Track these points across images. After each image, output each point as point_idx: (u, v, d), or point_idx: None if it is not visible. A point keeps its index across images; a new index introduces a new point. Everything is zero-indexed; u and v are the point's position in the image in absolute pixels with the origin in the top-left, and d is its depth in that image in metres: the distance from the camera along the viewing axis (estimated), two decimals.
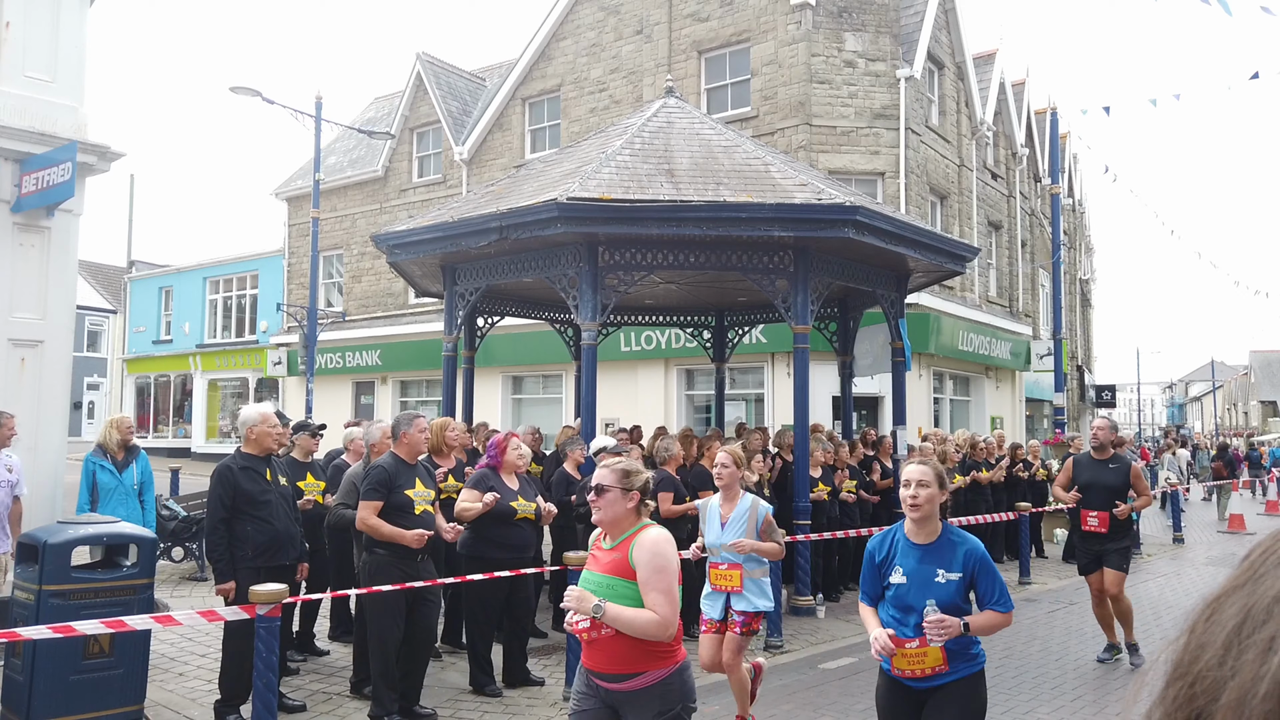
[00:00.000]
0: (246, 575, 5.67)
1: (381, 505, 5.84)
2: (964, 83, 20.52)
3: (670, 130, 10.08)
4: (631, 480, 3.64)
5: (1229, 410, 76.43)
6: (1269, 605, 0.53)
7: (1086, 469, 7.71)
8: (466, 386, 11.73)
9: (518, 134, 22.00)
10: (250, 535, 5.81)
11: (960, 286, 19.36)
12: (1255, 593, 0.54)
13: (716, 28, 18.70)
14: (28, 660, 5.20)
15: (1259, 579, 0.55)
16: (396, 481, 5.92)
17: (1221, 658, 0.53)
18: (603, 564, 3.62)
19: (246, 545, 5.80)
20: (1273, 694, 0.49)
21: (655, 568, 3.45)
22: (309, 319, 19.04)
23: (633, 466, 3.70)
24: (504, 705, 6.39)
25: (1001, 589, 3.74)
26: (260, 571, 5.70)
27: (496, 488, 6.60)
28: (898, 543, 3.85)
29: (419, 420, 6.23)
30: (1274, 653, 0.50)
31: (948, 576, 3.68)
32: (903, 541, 3.83)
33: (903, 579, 3.74)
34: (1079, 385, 29.91)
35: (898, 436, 11.17)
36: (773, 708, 6.37)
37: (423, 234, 9.79)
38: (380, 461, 6.06)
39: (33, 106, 8.40)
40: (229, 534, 5.79)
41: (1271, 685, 0.50)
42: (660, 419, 17.45)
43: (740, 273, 9.36)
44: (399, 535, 5.81)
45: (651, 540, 3.53)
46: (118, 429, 7.84)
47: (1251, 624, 0.53)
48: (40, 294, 8.45)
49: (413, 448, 6.13)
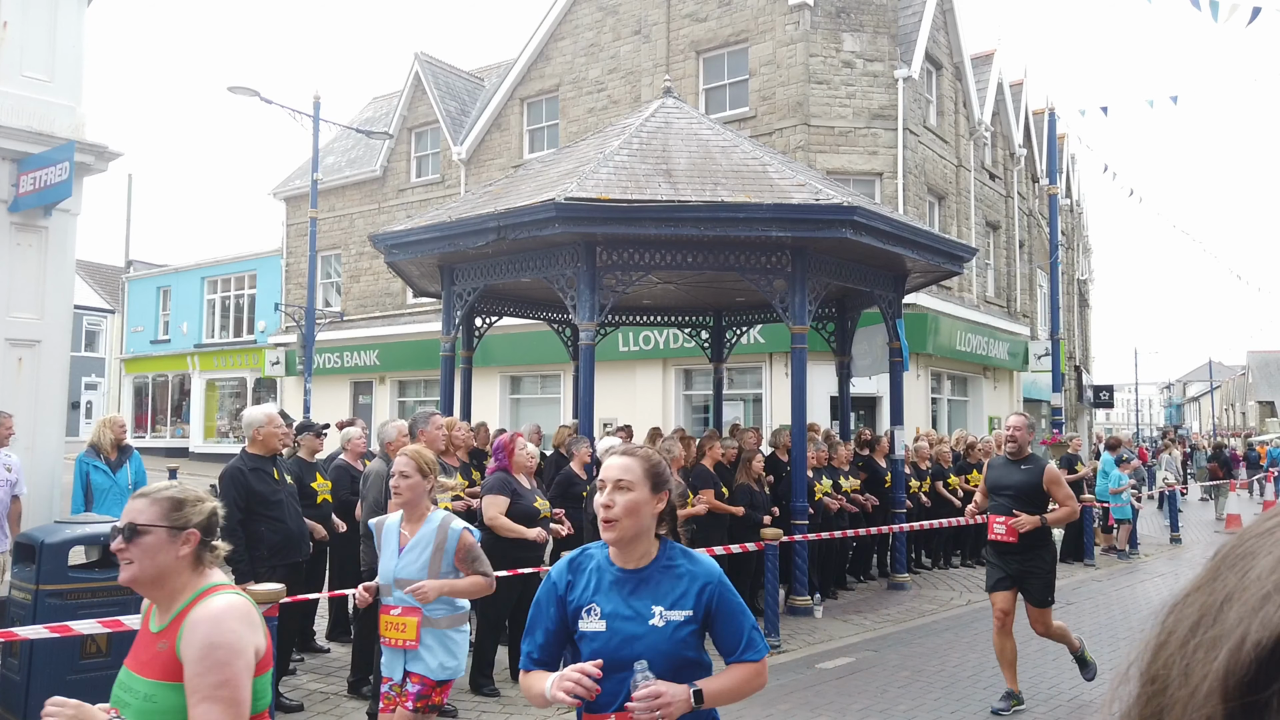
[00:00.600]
0: (264, 575, 5.73)
1: None
2: (962, 83, 20.54)
3: (668, 130, 10.09)
4: (187, 514, 2.36)
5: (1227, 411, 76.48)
6: (1220, 605, 0.53)
7: (996, 470, 6.62)
8: (465, 386, 11.72)
9: (516, 134, 21.99)
10: (265, 535, 5.86)
11: (958, 287, 19.37)
12: (1212, 593, 0.55)
13: (714, 28, 18.71)
14: (25, 660, 5.20)
15: (1216, 579, 0.56)
16: None
17: (1177, 656, 0.54)
18: (143, 659, 2.33)
19: (261, 545, 5.84)
20: (1215, 692, 0.50)
21: (211, 663, 2.18)
22: (307, 319, 19.02)
23: (186, 494, 2.41)
24: (500, 704, 6.40)
25: (750, 630, 2.62)
26: (276, 570, 5.79)
27: (517, 489, 6.66)
28: (594, 572, 2.63)
29: (436, 418, 6.36)
30: (1217, 653, 0.51)
31: (668, 617, 2.53)
32: (604, 570, 2.62)
33: (601, 625, 2.53)
34: (1077, 385, 29.93)
35: (895, 436, 11.18)
36: (769, 707, 6.37)
37: (421, 234, 9.79)
38: None
39: (30, 106, 8.40)
40: (245, 535, 5.83)
41: (1213, 683, 0.50)
42: (658, 419, 17.44)
43: (738, 273, 9.36)
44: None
45: (210, 617, 2.24)
46: (110, 428, 7.83)
47: (1205, 624, 0.53)
48: (38, 294, 8.45)
49: (430, 446, 6.22)
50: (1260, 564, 0.54)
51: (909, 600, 10.24)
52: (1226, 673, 0.50)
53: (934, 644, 8.28)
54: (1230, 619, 0.52)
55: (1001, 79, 22.62)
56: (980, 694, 6.71)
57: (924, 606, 9.92)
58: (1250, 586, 0.53)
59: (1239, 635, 0.50)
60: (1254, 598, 0.52)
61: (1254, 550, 0.55)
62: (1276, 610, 0.50)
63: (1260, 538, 0.56)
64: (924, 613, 9.62)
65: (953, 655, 7.86)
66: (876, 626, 8.98)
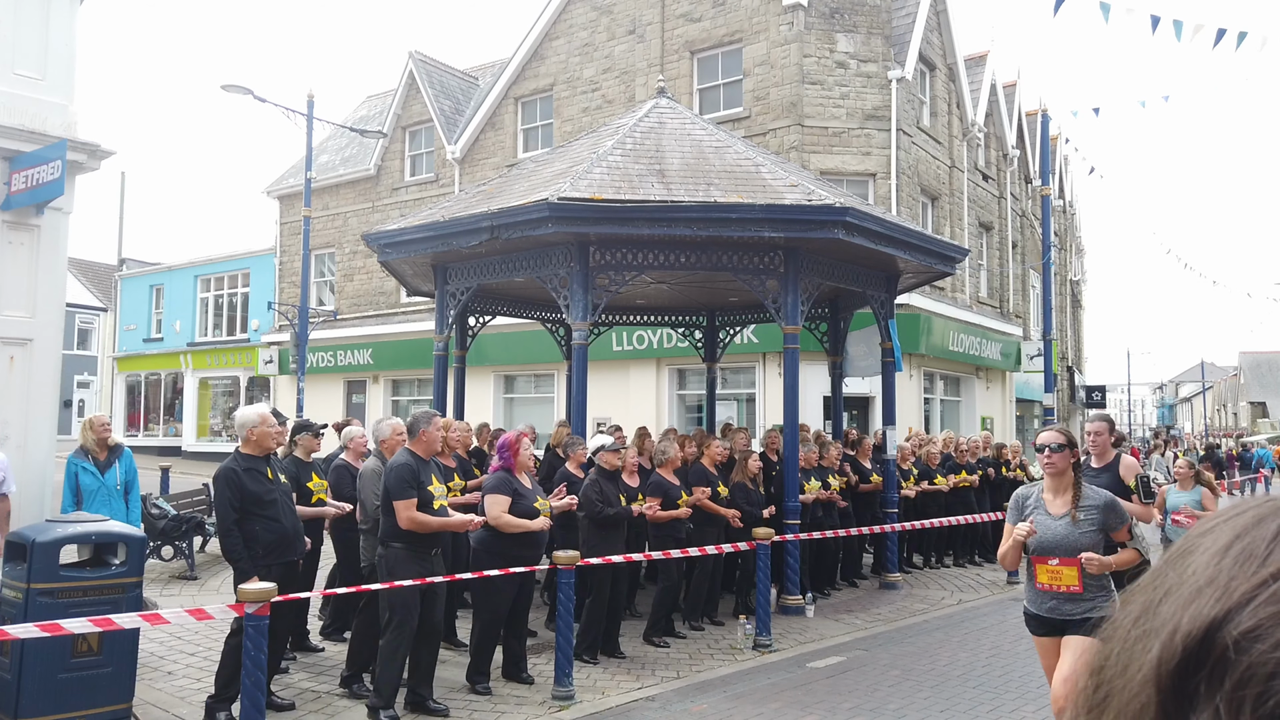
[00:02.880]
0: (261, 574, 5.75)
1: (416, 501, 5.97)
2: (955, 84, 20.59)
3: (662, 130, 10.10)
4: None
5: (1219, 411, 76.77)
6: (1159, 600, 0.56)
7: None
8: (458, 386, 11.73)
9: (510, 133, 22.00)
10: (259, 535, 5.87)
11: (951, 287, 19.43)
12: (1155, 589, 0.58)
13: (709, 28, 18.73)
14: (15, 659, 5.20)
15: (1159, 576, 0.59)
16: (420, 478, 6.04)
17: (1117, 649, 0.56)
18: None
19: (256, 545, 5.86)
20: (1149, 680, 0.52)
21: None
22: (300, 318, 19.00)
23: None
24: (492, 703, 6.42)
25: None
26: (271, 569, 5.83)
27: (519, 489, 6.67)
28: None
29: (437, 419, 6.37)
30: (1152, 644, 0.53)
31: None
32: None
33: None
34: (1069, 386, 30.03)
35: (887, 436, 11.21)
36: (760, 706, 6.40)
37: (414, 233, 9.79)
38: (401, 460, 6.12)
39: (22, 104, 8.38)
40: (242, 534, 5.84)
41: (1148, 672, 0.53)
42: (651, 419, 17.47)
43: (731, 273, 9.38)
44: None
45: None
46: (92, 429, 7.77)
47: (1145, 618, 0.56)
48: (30, 292, 8.43)
49: (430, 445, 6.29)
50: (1196, 560, 0.57)
51: (900, 600, 10.27)
52: (1159, 661, 0.53)
53: (925, 643, 8.31)
54: (1165, 612, 0.55)
55: (995, 80, 22.70)
56: (970, 693, 6.75)
57: (915, 606, 9.95)
58: (1186, 582, 0.55)
59: (1171, 627, 0.53)
60: (1188, 591, 0.55)
61: (1193, 548, 0.58)
62: (1206, 603, 0.53)
63: (1201, 536, 0.59)
64: (915, 612, 9.65)
65: (943, 654, 7.90)
66: (868, 626, 9.01)
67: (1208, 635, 0.52)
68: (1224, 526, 0.58)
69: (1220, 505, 12.37)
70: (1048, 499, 4.70)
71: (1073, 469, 4.68)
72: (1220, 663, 0.50)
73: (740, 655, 7.75)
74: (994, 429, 20.16)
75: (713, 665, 7.46)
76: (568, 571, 6.59)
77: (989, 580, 11.61)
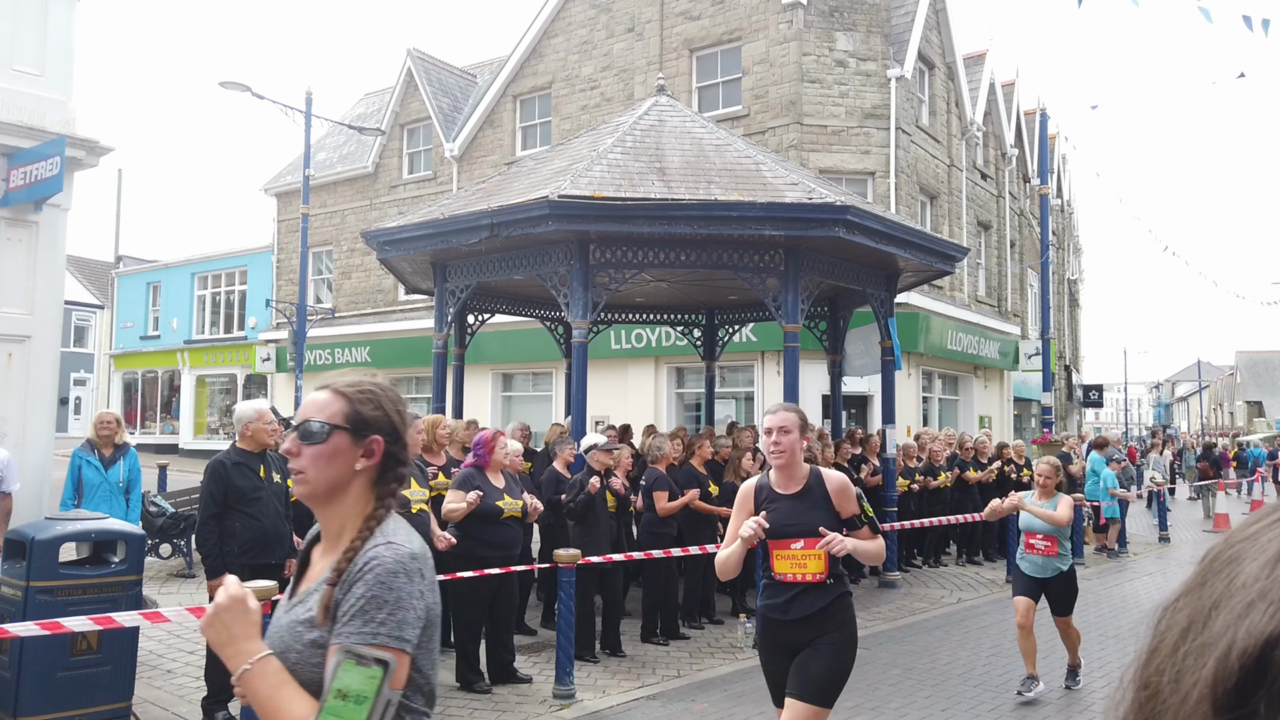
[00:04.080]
0: (234, 572, 5.63)
1: None
2: (954, 83, 20.59)
3: (661, 129, 10.08)
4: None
5: (1215, 410, 76.90)
6: (1208, 612, 0.54)
7: None
8: (456, 384, 11.71)
9: (508, 131, 21.96)
10: (237, 531, 5.77)
11: (949, 286, 19.43)
12: (1201, 598, 0.55)
13: (708, 26, 18.71)
14: (15, 657, 5.18)
15: (1205, 584, 0.56)
16: None
17: (1168, 663, 0.54)
18: None
19: (233, 541, 5.76)
20: (1204, 699, 0.50)
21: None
22: (298, 315, 18.97)
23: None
24: (493, 702, 6.40)
25: None
26: (246, 569, 5.58)
27: (481, 486, 6.59)
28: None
29: (416, 421, 6.27)
30: (1206, 660, 0.51)
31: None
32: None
33: None
34: (1067, 385, 30.06)
35: (886, 435, 11.21)
36: (760, 705, 6.38)
37: (413, 231, 9.77)
38: None
39: (20, 100, 8.35)
40: (219, 529, 5.76)
41: (1203, 690, 0.51)
42: (650, 417, 17.46)
43: (731, 271, 9.37)
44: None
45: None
46: (94, 427, 7.76)
47: (1194, 631, 0.54)
48: (27, 289, 8.41)
49: (410, 448, 6.15)
50: (1246, 569, 0.54)
51: (900, 598, 10.27)
52: (1215, 681, 0.50)
53: (925, 642, 8.31)
54: (1217, 626, 0.52)
55: (993, 79, 22.70)
56: (971, 692, 6.74)
57: (915, 604, 9.95)
58: (1236, 593, 0.53)
59: (1226, 643, 0.51)
60: (1239, 604, 0.52)
61: (1240, 555, 0.56)
62: (1261, 617, 0.51)
63: (1246, 542, 0.56)
64: (915, 611, 9.65)
65: (943, 653, 7.90)
66: (868, 624, 8.99)
67: (1264, 653, 0.49)
68: (1271, 532, 0.56)
69: (1219, 505, 12.16)
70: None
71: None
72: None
73: (740, 654, 7.74)
74: (992, 428, 20.17)
75: (713, 664, 7.46)
76: (568, 571, 6.57)
77: (989, 579, 11.62)
